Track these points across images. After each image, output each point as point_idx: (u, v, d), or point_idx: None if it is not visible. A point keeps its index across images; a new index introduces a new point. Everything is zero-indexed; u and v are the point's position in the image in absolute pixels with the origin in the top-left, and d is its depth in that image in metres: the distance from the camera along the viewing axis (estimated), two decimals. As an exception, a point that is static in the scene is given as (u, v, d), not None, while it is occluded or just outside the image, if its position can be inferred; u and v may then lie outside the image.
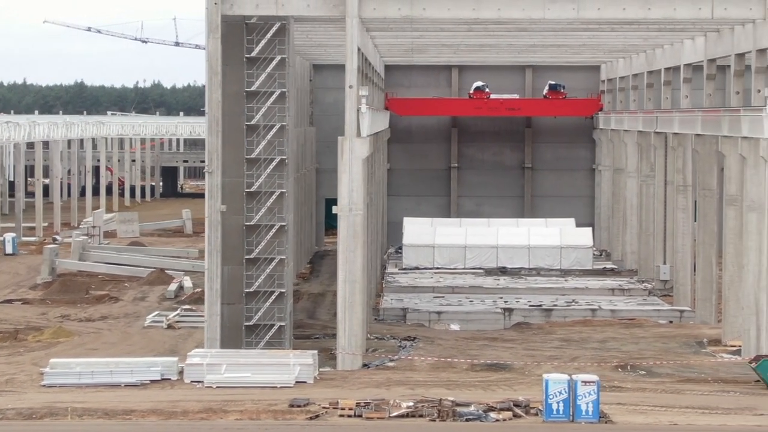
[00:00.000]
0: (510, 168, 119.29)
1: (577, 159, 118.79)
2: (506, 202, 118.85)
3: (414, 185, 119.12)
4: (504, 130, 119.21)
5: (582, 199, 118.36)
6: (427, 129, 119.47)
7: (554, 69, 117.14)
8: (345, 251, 59.81)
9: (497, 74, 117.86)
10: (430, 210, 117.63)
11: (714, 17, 61.05)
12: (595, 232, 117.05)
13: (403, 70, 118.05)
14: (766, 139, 60.01)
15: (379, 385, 55.07)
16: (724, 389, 55.01)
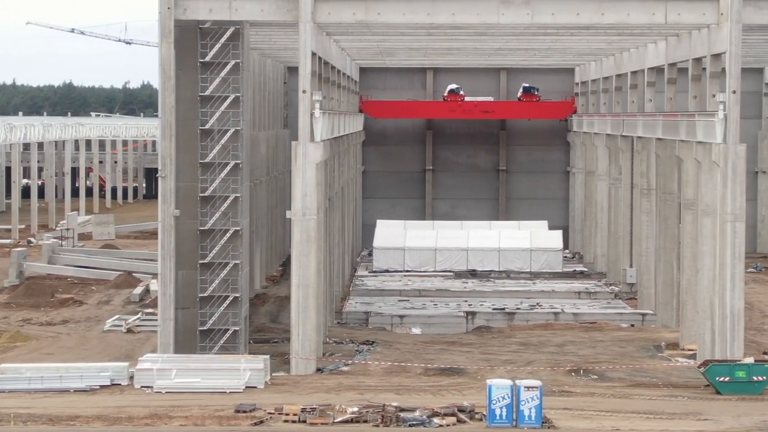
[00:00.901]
0: (485, 170, 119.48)
1: (552, 161, 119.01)
2: (481, 205, 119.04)
3: (389, 187, 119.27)
4: (479, 132, 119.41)
5: (556, 201, 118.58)
6: (402, 131, 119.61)
7: (529, 71, 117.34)
8: (298, 256, 59.90)
9: (472, 77, 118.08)
10: (405, 212, 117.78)
11: (668, 22, 61.19)
12: (569, 234, 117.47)
13: (377, 72, 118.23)
14: (719, 145, 60.21)
15: (330, 390, 55.14)
16: (672, 394, 55.13)
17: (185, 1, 59.26)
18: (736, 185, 59.71)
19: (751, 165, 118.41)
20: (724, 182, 59.74)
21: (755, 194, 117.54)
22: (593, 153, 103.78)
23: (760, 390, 54.72)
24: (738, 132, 60.13)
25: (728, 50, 59.85)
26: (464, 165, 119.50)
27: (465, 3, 61.16)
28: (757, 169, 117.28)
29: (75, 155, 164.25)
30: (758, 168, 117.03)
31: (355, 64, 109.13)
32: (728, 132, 59.92)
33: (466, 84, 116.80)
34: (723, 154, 59.83)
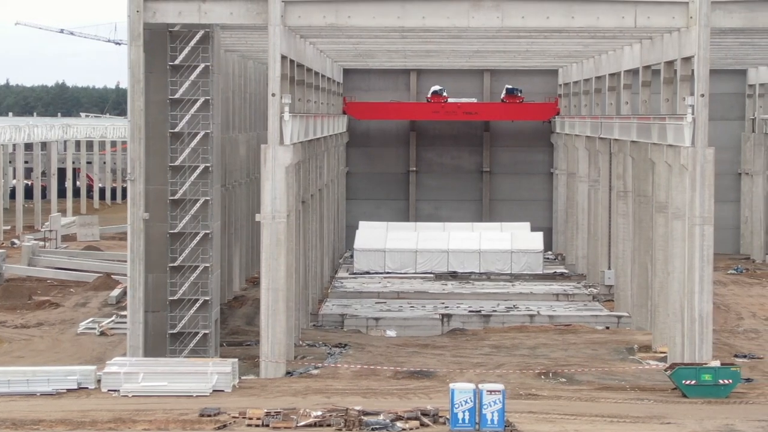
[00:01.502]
0: (468, 172, 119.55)
1: (536, 163, 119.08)
2: (464, 206, 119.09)
3: (373, 189, 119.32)
4: (462, 134, 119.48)
5: (540, 203, 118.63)
6: (386, 133, 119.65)
7: (513, 73, 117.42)
8: (268, 259, 59.91)
9: (456, 78, 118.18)
10: (389, 214, 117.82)
11: (637, 26, 61.22)
12: (552, 236, 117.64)
13: (361, 74, 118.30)
14: (687, 148, 60.27)
15: (297, 393, 55.15)
16: (639, 397, 55.17)
17: (154, 4, 59.27)
18: (705, 188, 59.71)
19: (734, 166, 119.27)
20: (692, 185, 59.76)
21: (738, 196, 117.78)
22: (575, 155, 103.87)
23: (726, 393, 54.80)
24: (706, 135, 60.16)
25: (697, 54, 59.91)
26: (448, 166, 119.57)
27: (435, 6, 61.22)
28: (740, 171, 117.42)
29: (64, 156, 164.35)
30: (741, 169, 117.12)
31: (337, 66, 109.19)
32: (697, 135, 59.98)
33: (449, 85, 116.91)
34: (691, 158, 59.87)
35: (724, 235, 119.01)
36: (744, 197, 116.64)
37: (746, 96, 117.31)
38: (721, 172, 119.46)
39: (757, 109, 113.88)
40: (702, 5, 59.37)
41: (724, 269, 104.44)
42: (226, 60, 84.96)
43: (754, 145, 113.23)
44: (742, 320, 78.14)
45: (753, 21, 60.75)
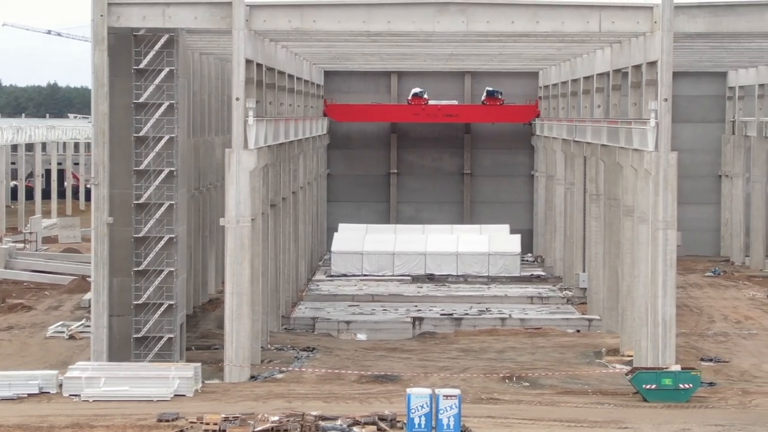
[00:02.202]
0: (449, 174, 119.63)
1: (516, 165, 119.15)
2: (445, 208, 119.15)
3: (354, 191, 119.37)
4: (443, 136, 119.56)
5: (521, 205, 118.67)
6: (367, 135, 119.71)
7: (493, 75, 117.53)
8: (232, 263, 59.95)
9: (437, 80, 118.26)
10: (370, 216, 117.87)
11: (602, 30, 61.36)
12: (533, 238, 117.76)
13: (342, 76, 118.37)
14: (650, 152, 60.37)
15: (258, 398, 55.21)
16: (600, 401, 55.26)
17: (118, 9, 59.33)
18: (668, 193, 59.85)
19: (714, 169, 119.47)
20: (656, 190, 59.91)
21: (719, 198, 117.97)
22: (553, 157, 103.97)
23: (686, 397, 54.92)
24: (669, 140, 60.34)
25: (660, 59, 60.07)
26: (429, 168, 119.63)
27: (400, 10, 61.36)
28: (720, 173, 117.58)
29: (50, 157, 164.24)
30: (721, 172, 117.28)
31: (317, 69, 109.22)
32: (660, 140, 60.11)
33: (430, 87, 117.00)
34: (655, 162, 60.00)
35: (705, 237, 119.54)
36: (724, 199, 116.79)
37: (726, 98, 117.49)
38: (702, 174, 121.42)
39: (737, 111, 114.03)
40: (665, 10, 59.50)
41: (702, 271, 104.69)
42: (203, 63, 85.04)
43: (734, 147, 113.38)
44: (714, 323, 78.22)
45: (717, 26, 60.90)
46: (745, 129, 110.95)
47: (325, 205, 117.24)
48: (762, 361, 65.09)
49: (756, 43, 78.21)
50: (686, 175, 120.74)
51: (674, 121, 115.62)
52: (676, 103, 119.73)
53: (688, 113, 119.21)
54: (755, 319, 79.30)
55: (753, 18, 60.51)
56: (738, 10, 60.65)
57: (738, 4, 60.67)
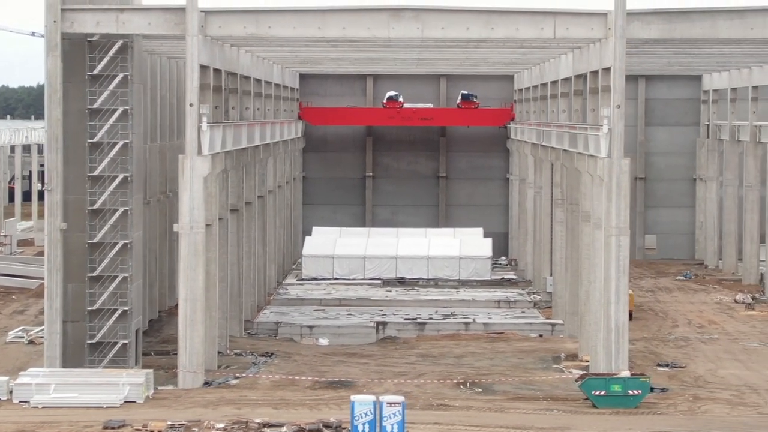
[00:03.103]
0: (425, 177, 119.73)
1: (492, 168, 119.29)
2: (421, 211, 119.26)
3: (330, 194, 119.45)
4: (419, 139, 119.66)
5: (496, 208, 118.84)
6: (343, 138, 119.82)
7: (469, 78, 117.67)
8: (186, 269, 59.96)
9: (412, 83, 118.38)
10: (346, 219, 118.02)
11: (556, 37, 61.38)
12: (508, 241, 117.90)
13: (318, 79, 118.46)
14: (603, 159, 60.46)
15: (209, 404, 55.22)
16: (549, 407, 55.32)
17: (72, 15, 59.36)
18: (621, 199, 59.91)
19: (689, 172, 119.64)
20: (608, 196, 59.99)
21: (694, 201, 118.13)
22: (525, 161, 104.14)
23: (635, 403, 55.00)
24: (622, 146, 60.34)
25: (613, 65, 60.10)
26: (404, 171, 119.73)
27: (355, 17, 61.42)
28: (695, 176, 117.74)
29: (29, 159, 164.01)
30: (696, 175, 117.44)
31: (291, 72, 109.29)
32: (613, 146, 60.15)
33: (406, 91, 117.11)
34: (607, 168, 60.08)
35: (680, 241, 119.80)
36: (699, 203, 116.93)
37: (701, 102, 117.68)
38: (677, 177, 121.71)
39: (711, 115, 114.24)
40: (618, 17, 59.57)
41: (675, 275, 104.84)
42: (171, 67, 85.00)
43: (708, 150, 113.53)
44: (677, 328, 78.30)
45: (671, 32, 60.94)
46: (719, 132, 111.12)
47: (301, 208, 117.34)
48: (718, 367, 65.17)
49: (717, 48, 78.30)
50: (661, 178, 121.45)
51: (649, 124, 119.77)
52: (652, 106, 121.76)
53: (663, 116, 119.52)
54: (718, 324, 79.41)
55: (706, 25, 60.57)
56: (692, 16, 60.70)
57: (691, 11, 60.74)
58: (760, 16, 60.35)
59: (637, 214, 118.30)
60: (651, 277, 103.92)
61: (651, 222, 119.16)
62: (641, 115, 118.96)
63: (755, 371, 63.89)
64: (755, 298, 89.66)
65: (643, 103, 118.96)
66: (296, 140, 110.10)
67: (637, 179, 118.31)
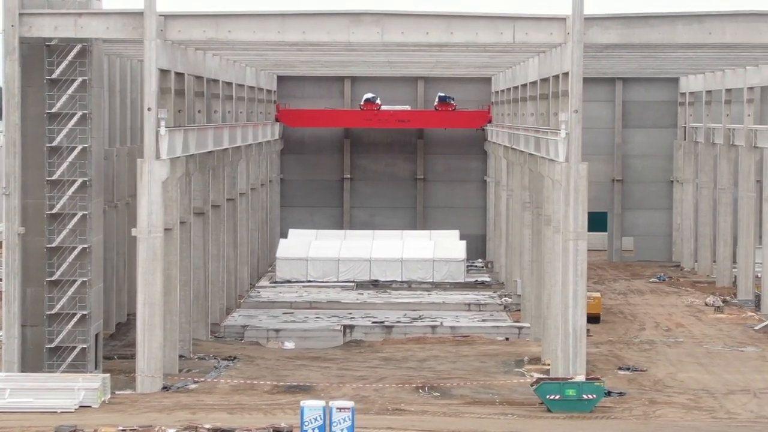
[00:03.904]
0: (402, 179, 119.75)
1: (470, 170, 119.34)
2: (399, 214, 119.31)
3: (308, 196, 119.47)
4: (396, 141, 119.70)
5: (474, 210, 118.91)
6: (320, 140, 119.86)
7: (447, 80, 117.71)
8: (144, 274, 59.99)
9: (390, 86, 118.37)
10: (324, 221, 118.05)
11: (516, 41, 61.43)
12: (486, 243, 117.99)
13: (295, 81, 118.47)
14: (561, 163, 60.54)
15: (164, 409, 55.24)
16: (504, 412, 55.36)
17: (30, 19, 59.36)
18: (579, 204, 60.04)
19: (666, 174, 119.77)
20: (566, 200, 60.11)
21: (671, 203, 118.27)
22: (500, 163, 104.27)
23: (590, 408, 55.06)
24: (580, 151, 60.38)
25: (571, 70, 60.14)
26: (382, 174, 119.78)
27: (315, 21, 61.47)
28: (672, 179, 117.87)
29: None
30: (673, 177, 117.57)
31: (268, 74, 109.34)
32: (570, 151, 60.22)
33: (384, 93, 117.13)
34: (565, 173, 60.18)
35: (657, 243, 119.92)
36: (676, 205, 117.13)
37: (678, 104, 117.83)
38: (654, 179, 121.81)
39: (687, 117, 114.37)
40: (575, 22, 59.63)
41: (650, 277, 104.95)
42: (140, 70, 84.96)
43: (685, 153, 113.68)
44: (643, 331, 78.39)
45: (630, 37, 61.05)
46: (695, 135, 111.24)
47: (278, 210, 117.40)
48: (679, 370, 65.25)
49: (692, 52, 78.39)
50: (639, 180, 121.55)
51: (627, 126, 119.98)
52: (629, 108, 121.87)
53: (640, 118, 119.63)
54: (686, 327, 79.50)
55: (665, 30, 60.67)
56: (650, 21, 60.82)
57: (650, 16, 60.87)
58: (718, 21, 60.54)
59: (614, 216, 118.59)
60: (625, 280, 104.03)
61: (628, 224, 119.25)
62: (618, 117, 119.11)
63: (715, 375, 63.99)
64: (726, 301, 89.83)
65: (620, 105, 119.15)
66: (273, 142, 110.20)
67: (614, 181, 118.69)
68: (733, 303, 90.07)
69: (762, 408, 56.14)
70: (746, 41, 61.12)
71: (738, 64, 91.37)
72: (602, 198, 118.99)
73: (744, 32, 60.61)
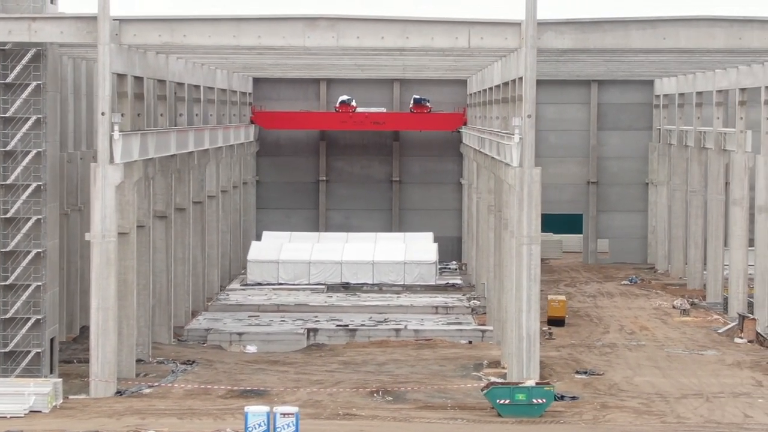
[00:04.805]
0: (378, 181, 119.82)
1: (446, 173, 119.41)
2: (375, 215, 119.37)
3: (283, 198, 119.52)
4: (372, 143, 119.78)
5: (451, 212, 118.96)
6: (296, 142, 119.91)
7: (422, 82, 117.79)
8: (98, 279, 59.91)
9: (366, 87, 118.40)
10: (300, 223, 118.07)
11: (471, 46, 61.48)
12: (462, 245, 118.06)
13: (271, 83, 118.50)
14: (515, 168, 60.59)
15: (114, 414, 55.23)
16: (455, 416, 55.38)
17: (-17, 23, 59.49)
18: (532, 208, 60.05)
19: (642, 176, 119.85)
20: (520, 205, 60.15)
21: (646, 206, 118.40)
22: (473, 166, 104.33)
23: (539, 412, 55.11)
24: (533, 155, 60.42)
25: (524, 75, 60.23)
26: (358, 176, 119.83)
27: (270, 26, 61.52)
28: (647, 181, 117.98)
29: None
30: (648, 179, 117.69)
31: (243, 76, 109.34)
32: (524, 156, 60.26)
33: (360, 95, 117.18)
34: (519, 177, 60.23)
35: (632, 245, 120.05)
36: (651, 207, 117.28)
37: (653, 106, 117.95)
38: (630, 181, 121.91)
39: (662, 119, 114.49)
40: (528, 27, 59.70)
41: (622, 279, 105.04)
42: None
43: (659, 155, 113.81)
44: (607, 334, 78.44)
45: (584, 42, 61.16)
46: (669, 137, 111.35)
47: (254, 212, 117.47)
48: (636, 374, 65.30)
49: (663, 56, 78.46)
50: (614, 182, 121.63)
51: (602, 129, 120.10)
52: (605, 110, 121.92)
53: (616, 121, 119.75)
54: (650, 330, 79.57)
55: (618, 35, 60.77)
56: (604, 26, 60.93)
57: (604, 21, 60.95)
58: (672, 26, 60.65)
59: (590, 218, 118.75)
60: (597, 282, 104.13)
61: (604, 226, 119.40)
62: (594, 120, 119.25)
63: (671, 379, 64.03)
64: (694, 304, 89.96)
65: (595, 108, 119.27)
66: (247, 144, 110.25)
67: (589, 183, 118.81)
68: (701, 306, 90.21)
69: (712, 412, 56.20)
70: (700, 46, 61.27)
71: (708, 67, 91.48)
72: (578, 200, 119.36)
73: (697, 37, 60.74)
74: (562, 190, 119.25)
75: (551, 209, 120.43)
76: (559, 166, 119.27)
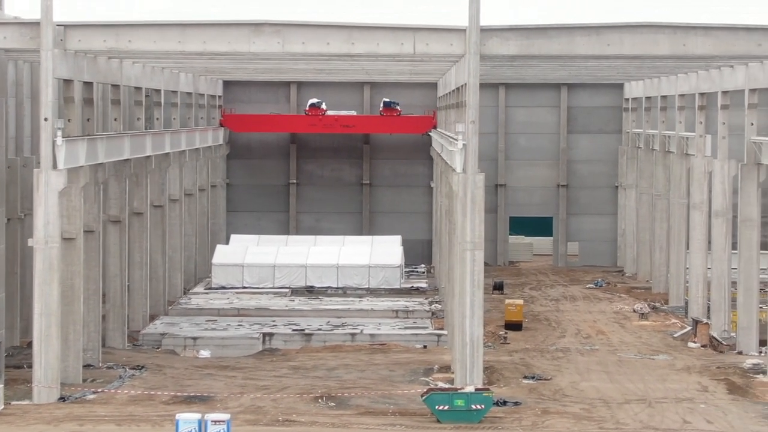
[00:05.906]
0: (349, 184, 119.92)
1: (416, 175, 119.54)
2: (345, 218, 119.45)
3: (254, 201, 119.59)
4: (342, 146, 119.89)
5: (421, 215, 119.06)
6: (267, 144, 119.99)
7: (393, 86, 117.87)
8: (41, 284, 59.87)
9: (336, 90, 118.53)
10: (271, 226, 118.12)
11: (416, 53, 61.51)
12: (432, 249, 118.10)
13: (241, 86, 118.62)
14: (458, 174, 60.65)
15: (53, 421, 55.19)
16: (394, 422, 55.36)
17: (-75, 29, 59.52)
18: (475, 214, 60.08)
19: (612, 179, 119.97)
20: (463, 211, 60.20)
21: (615, 209, 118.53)
22: (438, 169, 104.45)
23: (478, 418, 55.14)
24: (476, 162, 60.40)
25: (468, 81, 60.28)
26: (328, 178, 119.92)
27: (215, 31, 61.59)
28: (617, 184, 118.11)
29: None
30: (618, 183, 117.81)
31: (212, 79, 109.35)
32: (467, 162, 60.30)
33: (330, 98, 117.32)
34: (462, 184, 60.27)
35: (602, 248, 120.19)
36: (620, 210, 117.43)
37: (623, 110, 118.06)
38: (599, 185, 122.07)
39: (630, 123, 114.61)
40: (472, 34, 59.74)
41: (588, 282, 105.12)
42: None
43: (628, 158, 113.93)
44: (563, 338, 78.49)
45: (529, 48, 61.21)
46: (637, 140, 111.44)
47: (224, 215, 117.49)
48: (583, 379, 65.35)
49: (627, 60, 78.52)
50: (584, 185, 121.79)
51: (572, 132, 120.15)
52: (575, 114, 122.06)
53: (585, 124, 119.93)
54: (606, 335, 79.65)
55: (563, 41, 60.85)
56: (549, 33, 61.00)
57: (549, 28, 61.03)
58: (616, 32, 60.75)
59: (559, 221, 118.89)
60: (563, 285, 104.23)
61: (574, 229, 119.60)
62: (563, 123, 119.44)
63: (618, 384, 64.10)
64: (655, 308, 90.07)
65: (565, 111, 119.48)
66: (216, 147, 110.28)
67: (559, 186, 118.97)
68: (663, 310, 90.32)
69: (652, 418, 56.27)
70: (644, 53, 61.35)
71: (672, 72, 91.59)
72: (547, 203, 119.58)
73: (642, 44, 60.83)
74: (532, 193, 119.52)
75: (521, 212, 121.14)
76: (529, 169, 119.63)
